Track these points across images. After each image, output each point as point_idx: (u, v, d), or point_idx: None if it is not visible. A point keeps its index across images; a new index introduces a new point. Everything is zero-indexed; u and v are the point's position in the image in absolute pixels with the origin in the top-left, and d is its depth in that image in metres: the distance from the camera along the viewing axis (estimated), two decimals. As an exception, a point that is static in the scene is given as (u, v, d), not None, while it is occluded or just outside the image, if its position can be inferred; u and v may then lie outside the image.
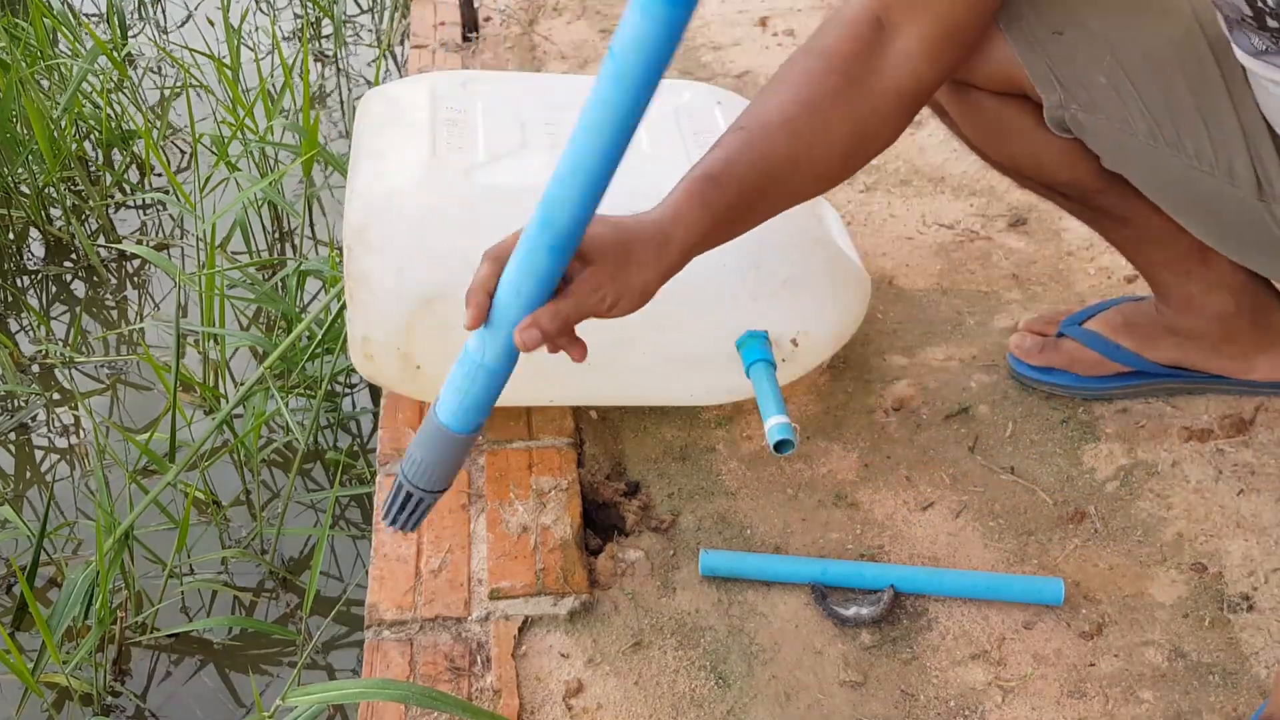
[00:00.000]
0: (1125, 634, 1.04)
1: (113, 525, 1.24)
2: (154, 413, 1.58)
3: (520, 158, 1.16)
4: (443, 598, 1.05)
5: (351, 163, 1.18)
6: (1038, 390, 1.27)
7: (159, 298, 1.84)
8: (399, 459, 1.19)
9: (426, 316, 1.11)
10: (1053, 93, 0.99)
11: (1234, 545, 1.11)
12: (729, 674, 1.01)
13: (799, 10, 2.16)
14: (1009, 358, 1.29)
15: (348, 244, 1.11)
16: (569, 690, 0.99)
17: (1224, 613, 1.05)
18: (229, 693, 1.25)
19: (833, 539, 1.13)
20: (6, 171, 1.91)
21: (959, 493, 1.17)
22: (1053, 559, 1.10)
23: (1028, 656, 1.02)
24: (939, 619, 1.05)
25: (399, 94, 1.25)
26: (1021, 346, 1.28)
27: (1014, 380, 1.29)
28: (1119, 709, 0.98)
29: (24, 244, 1.93)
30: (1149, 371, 1.25)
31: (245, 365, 1.67)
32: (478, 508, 1.14)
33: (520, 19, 2.15)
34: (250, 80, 2.20)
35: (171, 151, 2.16)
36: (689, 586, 1.08)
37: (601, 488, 1.18)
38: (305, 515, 1.44)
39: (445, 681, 0.99)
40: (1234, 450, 1.21)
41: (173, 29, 2.59)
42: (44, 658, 1.19)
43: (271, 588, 1.36)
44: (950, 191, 1.63)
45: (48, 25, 2.23)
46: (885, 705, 0.98)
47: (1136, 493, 1.17)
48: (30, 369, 1.67)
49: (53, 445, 1.56)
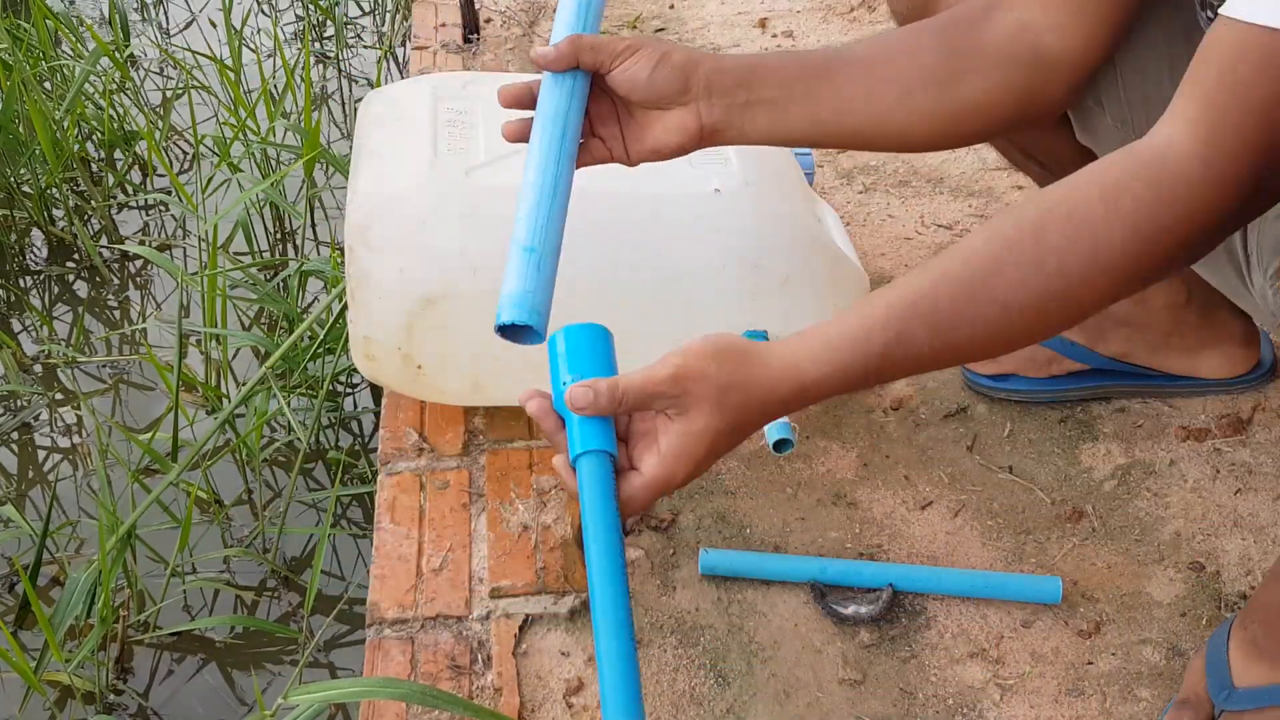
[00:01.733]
0: (1123, 632, 1.04)
1: (115, 524, 1.24)
2: (156, 412, 1.59)
3: (521, 158, 1.16)
4: (444, 596, 1.05)
5: (353, 163, 1.19)
6: (995, 398, 1.27)
7: (161, 298, 1.84)
8: (399, 458, 1.20)
9: (427, 316, 1.11)
10: None
11: (1231, 544, 1.12)
12: (728, 672, 1.01)
13: (799, 11, 2.16)
14: (963, 370, 1.29)
15: (349, 244, 1.12)
16: (570, 688, 0.99)
17: (1221, 611, 1.05)
18: (231, 691, 1.26)
19: (832, 538, 1.13)
20: (9, 172, 1.92)
21: (957, 492, 1.18)
22: (1051, 558, 1.11)
23: (1026, 655, 1.03)
24: (937, 617, 1.06)
25: (400, 95, 1.26)
26: None
27: (970, 391, 1.29)
28: (1117, 707, 0.98)
29: (27, 244, 1.94)
30: (1102, 369, 1.25)
31: (247, 365, 1.68)
32: (478, 507, 1.14)
33: (521, 20, 2.15)
34: (252, 82, 2.20)
35: (174, 152, 2.16)
36: (688, 585, 1.08)
37: (602, 487, 1.18)
38: (307, 514, 1.45)
39: (446, 680, 0.99)
40: (1231, 450, 1.21)
41: (175, 31, 2.59)
42: (46, 656, 1.20)
43: (273, 587, 1.36)
44: (949, 192, 1.64)
45: (50, 27, 2.23)
46: (884, 703, 0.99)
47: (1134, 492, 1.17)
48: (33, 369, 1.68)
49: (55, 445, 1.57)
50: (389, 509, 1.14)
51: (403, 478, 1.18)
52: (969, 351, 0.76)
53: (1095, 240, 0.70)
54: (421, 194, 1.11)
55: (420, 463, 1.19)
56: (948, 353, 0.75)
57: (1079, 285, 0.72)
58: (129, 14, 2.51)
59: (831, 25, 2.11)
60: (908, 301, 0.73)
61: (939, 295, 0.73)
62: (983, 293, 0.72)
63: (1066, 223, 0.71)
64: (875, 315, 0.74)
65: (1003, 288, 0.72)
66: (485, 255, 1.10)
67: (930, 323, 0.73)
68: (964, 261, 0.73)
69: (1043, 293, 0.72)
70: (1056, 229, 0.71)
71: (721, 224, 1.13)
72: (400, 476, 1.18)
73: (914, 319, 0.73)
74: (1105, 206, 0.70)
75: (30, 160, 1.92)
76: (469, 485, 1.17)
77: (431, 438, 1.22)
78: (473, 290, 1.10)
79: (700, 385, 0.73)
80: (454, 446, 1.21)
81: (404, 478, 1.18)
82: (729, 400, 0.73)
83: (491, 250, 1.11)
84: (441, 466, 1.19)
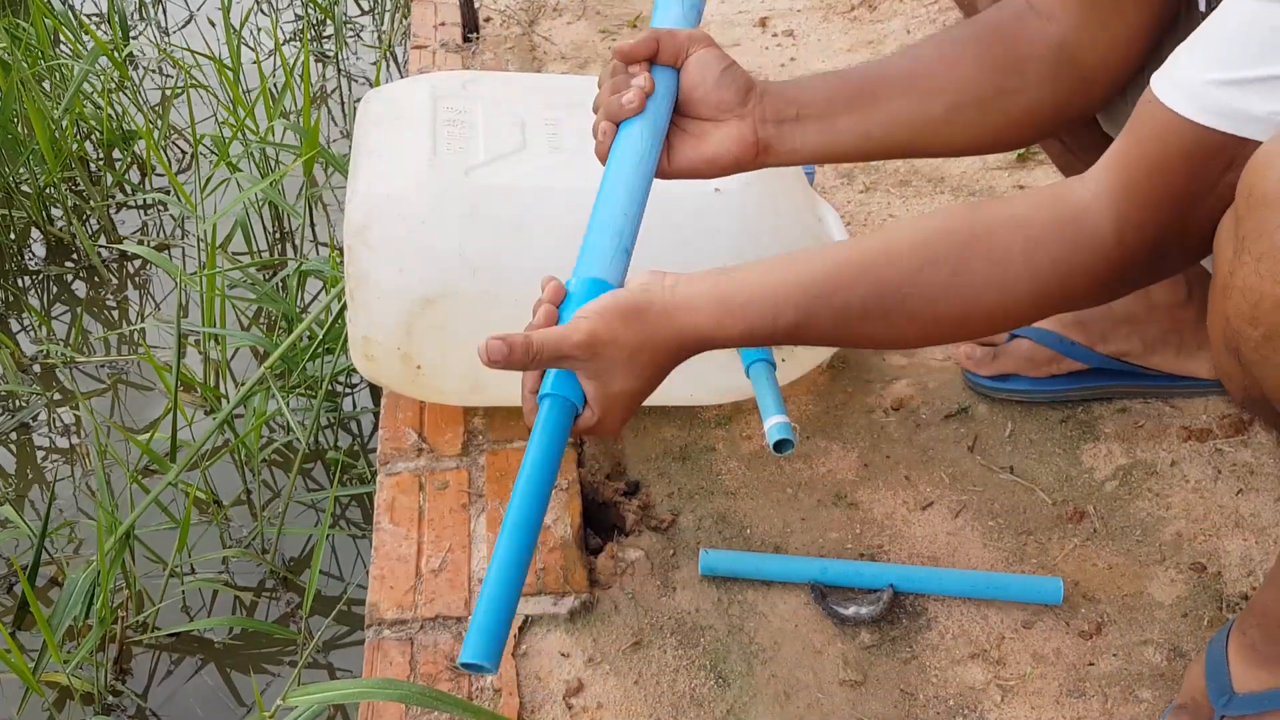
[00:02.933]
0: (1124, 633, 1.04)
1: (114, 525, 1.24)
2: (155, 413, 1.59)
3: (520, 158, 1.16)
4: (443, 597, 1.05)
5: (352, 163, 1.18)
6: (995, 398, 1.27)
7: (160, 298, 1.84)
8: (399, 459, 1.19)
9: (427, 316, 1.11)
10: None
11: (1233, 545, 1.11)
12: (729, 673, 1.01)
13: (799, 10, 2.16)
14: (963, 371, 1.29)
15: (348, 244, 1.11)
16: (569, 689, 0.99)
17: (1223, 612, 1.05)
18: (230, 692, 1.26)
19: (832, 538, 1.13)
20: (8, 171, 1.92)
21: (958, 492, 1.18)
22: (1052, 558, 1.11)
23: (1027, 656, 1.02)
24: (938, 618, 1.06)
25: (399, 94, 1.26)
26: (973, 357, 1.27)
27: (971, 391, 1.29)
28: (1118, 708, 0.98)
29: (25, 244, 1.94)
30: (1102, 369, 1.24)
31: (246, 365, 1.68)
32: (478, 507, 1.14)
33: (520, 19, 2.15)
34: (251, 81, 2.20)
35: (172, 152, 2.16)
36: (689, 586, 1.08)
37: (602, 487, 1.18)
38: (306, 515, 1.44)
39: (446, 681, 0.99)
40: (1233, 450, 1.21)
41: (174, 30, 2.59)
42: (45, 657, 1.20)
43: (272, 587, 1.36)
44: (949, 192, 1.64)
45: (49, 26, 2.23)
46: (884, 704, 0.99)
47: (1135, 492, 1.17)
48: (31, 369, 1.67)
49: (54, 445, 1.56)
50: (388, 509, 1.14)
51: (402, 478, 1.17)
52: (864, 342, 0.83)
53: (1005, 282, 0.77)
54: (421, 194, 1.11)
55: (419, 463, 1.19)
56: (845, 339, 0.82)
57: (981, 317, 0.79)
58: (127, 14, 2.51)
59: (832, 24, 2.11)
60: (824, 289, 0.79)
61: (854, 291, 0.78)
62: (894, 301, 0.78)
63: (987, 260, 0.77)
64: (790, 295, 0.79)
65: (915, 301, 0.78)
66: (484, 255, 1.09)
67: (840, 314, 0.79)
68: (888, 264, 0.79)
69: (946, 315, 0.79)
70: (979, 263, 0.77)
71: (721, 224, 1.13)
72: (399, 477, 1.17)
73: (824, 308, 0.79)
74: (1024, 258, 0.76)
75: (29, 159, 1.92)
76: (468, 485, 1.16)
77: (431, 438, 1.22)
78: (472, 290, 1.09)
79: (611, 349, 0.78)
80: (453, 447, 1.21)
81: (403, 478, 1.17)
82: (640, 360, 0.79)
83: (491, 250, 1.11)
84: (441, 467, 1.19)
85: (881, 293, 0.78)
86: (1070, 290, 0.77)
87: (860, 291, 0.78)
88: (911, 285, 0.78)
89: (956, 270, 0.77)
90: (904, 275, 0.78)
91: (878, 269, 0.79)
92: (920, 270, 0.78)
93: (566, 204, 1.02)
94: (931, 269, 0.78)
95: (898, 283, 0.78)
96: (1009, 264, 0.76)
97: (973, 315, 0.79)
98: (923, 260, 0.78)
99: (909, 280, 0.78)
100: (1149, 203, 0.73)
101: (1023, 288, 0.77)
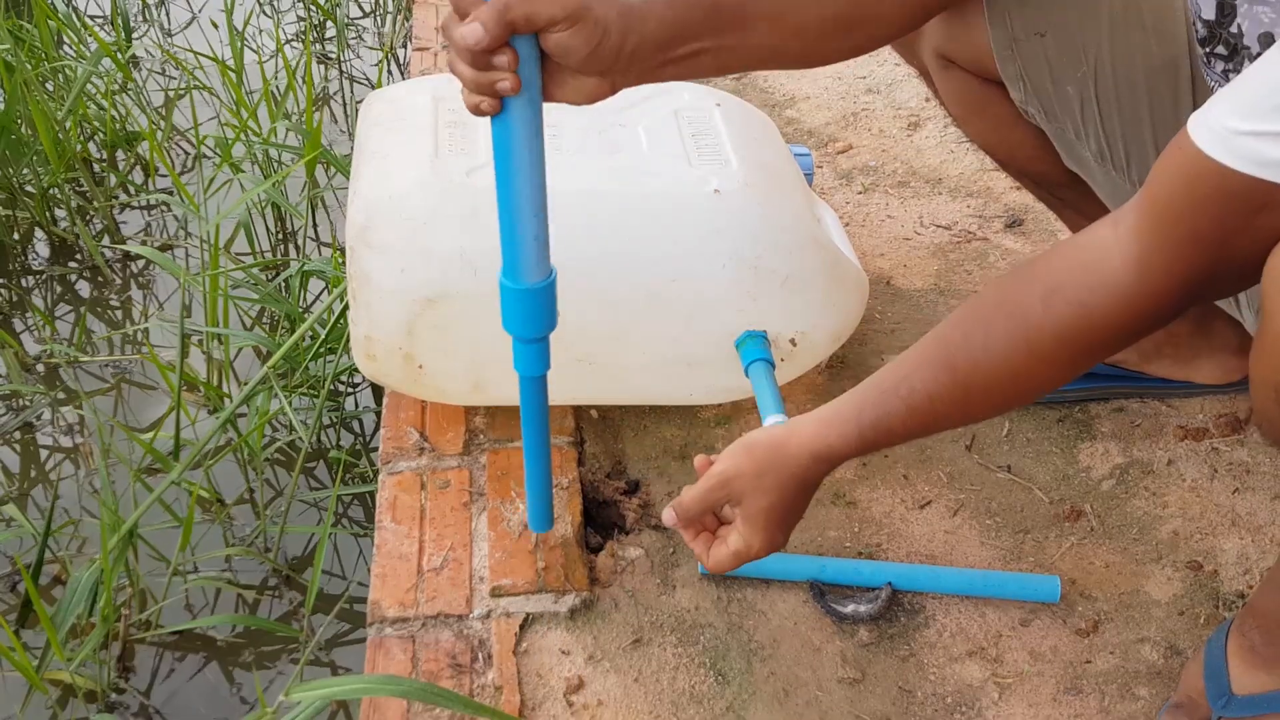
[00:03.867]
0: (1121, 631, 1.05)
1: (117, 523, 1.24)
2: (158, 412, 1.59)
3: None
4: (444, 595, 1.06)
5: (354, 164, 1.19)
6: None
7: (163, 298, 1.85)
8: (401, 458, 1.20)
9: (428, 316, 1.12)
10: (1018, 90, 1.02)
11: (1229, 543, 1.12)
12: (728, 671, 1.01)
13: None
14: None
15: (350, 244, 1.12)
16: (570, 687, 1.00)
17: (1219, 610, 1.06)
18: (232, 689, 1.26)
19: (831, 537, 1.14)
20: (12, 172, 1.92)
21: (956, 491, 1.18)
22: (1049, 557, 1.11)
23: (1024, 653, 1.03)
24: (936, 616, 1.06)
25: (401, 96, 1.26)
26: None
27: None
28: (1115, 705, 0.99)
29: (29, 244, 1.94)
30: (1098, 373, 1.25)
31: (249, 365, 1.68)
32: (479, 506, 1.15)
33: (522, 21, 2.15)
34: (254, 83, 2.21)
35: (175, 153, 2.17)
36: (689, 584, 1.09)
37: (602, 486, 1.19)
38: (308, 514, 1.45)
39: (447, 678, 0.99)
40: (1229, 449, 1.22)
41: (176, 31, 2.60)
42: (48, 655, 1.20)
43: (275, 585, 1.36)
44: (948, 193, 1.64)
45: (52, 27, 2.24)
46: (883, 702, 0.99)
47: (1132, 491, 1.18)
48: (35, 368, 1.68)
49: (57, 444, 1.57)
50: (390, 508, 1.14)
51: (404, 477, 1.18)
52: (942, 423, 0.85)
53: (1029, 336, 0.77)
54: (423, 194, 1.12)
55: (421, 462, 1.20)
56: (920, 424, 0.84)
57: (1025, 377, 0.79)
58: (130, 16, 2.52)
59: None
60: (892, 381, 0.83)
61: (916, 377, 0.82)
62: (947, 376, 0.81)
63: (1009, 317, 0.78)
64: (865, 394, 0.85)
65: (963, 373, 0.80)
66: (486, 255, 1.10)
67: (907, 402, 0.82)
68: (936, 343, 0.82)
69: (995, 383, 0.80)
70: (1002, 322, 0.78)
71: (721, 224, 1.13)
72: (401, 476, 1.18)
73: (893, 398, 0.83)
74: (1043, 306, 0.76)
75: (32, 160, 1.93)
76: (470, 484, 1.17)
77: (432, 437, 1.22)
78: (473, 290, 1.10)
79: (740, 480, 0.88)
80: (455, 446, 1.21)
81: (405, 477, 1.18)
82: (766, 483, 0.88)
83: (492, 250, 1.12)
84: (442, 466, 1.19)
85: (936, 375, 0.80)
86: (1094, 333, 0.76)
87: (922, 375, 0.81)
88: (959, 358, 0.80)
89: (988, 334, 0.78)
90: (950, 351, 0.80)
91: (929, 349, 0.81)
92: (964, 343, 0.80)
93: (567, 204, 1.03)
94: (968, 340, 0.79)
95: (945, 359, 0.80)
96: (1029, 316, 0.76)
97: (1019, 376, 0.79)
98: (962, 333, 0.80)
99: (955, 354, 0.80)
100: (1174, 241, 0.71)
101: (1047, 339, 0.76)
